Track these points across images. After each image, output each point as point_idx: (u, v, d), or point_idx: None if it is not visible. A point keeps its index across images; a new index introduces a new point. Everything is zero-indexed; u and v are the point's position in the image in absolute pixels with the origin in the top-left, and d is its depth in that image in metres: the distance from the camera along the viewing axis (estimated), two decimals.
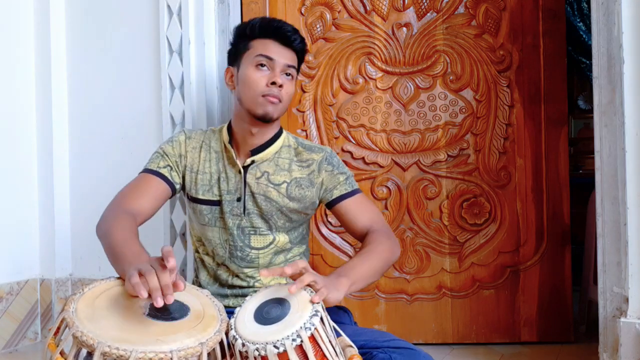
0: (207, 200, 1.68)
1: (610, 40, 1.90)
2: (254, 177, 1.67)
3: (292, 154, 1.72)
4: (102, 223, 1.53)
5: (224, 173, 1.68)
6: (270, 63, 1.64)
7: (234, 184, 1.67)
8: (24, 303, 2.44)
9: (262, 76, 1.63)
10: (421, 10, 2.39)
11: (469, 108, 2.38)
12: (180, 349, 1.16)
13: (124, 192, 1.63)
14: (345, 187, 1.71)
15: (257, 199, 1.66)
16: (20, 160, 2.48)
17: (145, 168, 1.69)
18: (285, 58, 1.66)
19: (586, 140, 3.96)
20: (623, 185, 1.86)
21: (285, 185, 1.68)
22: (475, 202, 2.38)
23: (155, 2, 2.36)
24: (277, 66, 1.64)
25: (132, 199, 1.60)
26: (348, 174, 1.74)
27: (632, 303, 1.85)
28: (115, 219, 1.51)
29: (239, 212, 1.66)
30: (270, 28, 1.67)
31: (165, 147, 1.71)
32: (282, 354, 1.18)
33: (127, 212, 1.55)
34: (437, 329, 2.38)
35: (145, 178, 1.66)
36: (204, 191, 1.68)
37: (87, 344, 1.13)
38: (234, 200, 1.66)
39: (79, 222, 2.52)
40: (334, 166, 1.72)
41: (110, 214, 1.54)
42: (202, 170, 1.69)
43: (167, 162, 1.68)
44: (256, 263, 1.68)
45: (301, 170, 1.70)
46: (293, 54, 1.68)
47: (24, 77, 2.50)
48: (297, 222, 1.72)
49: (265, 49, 1.65)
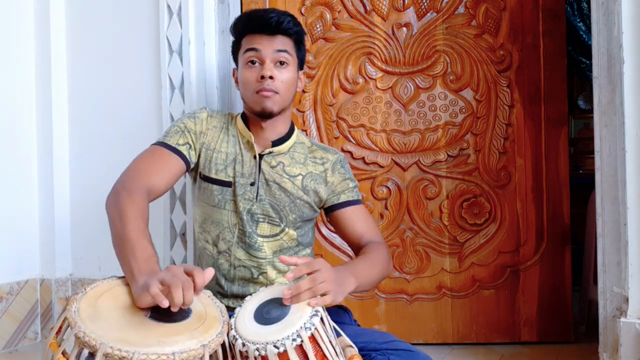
0: (219, 180, 1.66)
1: (610, 40, 1.91)
2: (269, 165, 1.67)
3: (307, 151, 1.73)
4: (114, 199, 1.47)
5: (240, 155, 1.67)
6: (258, 55, 1.62)
7: (249, 168, 1.66)
8: (24, 303, 2.43)
9: (253, 72, 1.63)
10: (421, 10, 2.39)
11: (469, 108, 2.38)
12: (183, 351, 1.16)
13: (140, 167, 1.58)
14: (353, 194, 1.74)
15: (272, 187, 1.66)
16: (20, 160, 2.48)
17: (163, 142, 1.64)
18: (272, 45, 1.62)
19: (586, 140, 3.96)
20: (623, 185, 1.86)
21: (300, 178, 1.68)
22: (475, 202, 2.38)
23: (155, 2, 2.36)
24: (266, 56, 1.62)
25: (147, 175, 1.55)
26: (356, 183, 1.77)
27: (632, 303, 1.85)
28: (129, 199, 1.45)
29: (251, 196, 1.65)
30: (253, 21, 1.65)
31: (187, 122, 1.67)
32: (283, 354, 1.18)
33: (142, 190, 1.50)
34: (437, 329, 2.38)
35: (162, 153, 1.62)
36: (218, 170, 1.66)
37: (89, 345, 1.13)
38: (247, 184, 1.65)
39: (79, 222, 2.52)
40: (346, 171, 1.75)
41: (124, 191, 1.48)
42: (218, 149, 1.67)
43: (186, 139, 1.65)
44: (263, 252, 1.66)
45: (316, 166, 1.72)
46: (284, 38, 1.65)
47: (24, 77, 2.50)
48: (307, 216, 1.72)
49: (251, 42, 1.64)
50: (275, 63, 1.63)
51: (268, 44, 1.62)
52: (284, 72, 1.63)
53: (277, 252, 1.68)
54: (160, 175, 1.58)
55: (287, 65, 1.64)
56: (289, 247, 1.70)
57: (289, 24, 1.64)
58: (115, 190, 1.50)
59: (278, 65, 1.63)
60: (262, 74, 1.60)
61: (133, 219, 1.40)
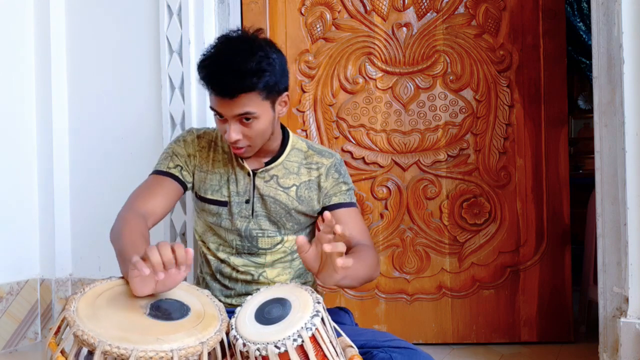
0: (215, 201, 1.67)
1: (610, 40, 1.91)
2: (263, 180, 1.66)
3: (301, 157, 1.71)
4: (114, 227, 1.51)
5: (233, 175, 1.67)
6: (222, 116, 1.54)
7: (243, 186, 1.66)
8: (24, 303, 2.43)
9: (222, 126, 1.56)
10: (421, 10, 2.39)
11: (469, 108, 2.38)
12: (181, 348, 1.16)
13: (136, 195, 1.61)
14: (345, 197, 1.70)
15: (267, 201, 1.66)
16: (20, 160, 2.48)
17: (155, 170, 1.67)
18: (232, 110, 1.50)
19: (586, 140, 3.97)
20: (623, 185, 1.86)
21: (294, 189, 1.67)
22: (475, 202, 2.39)
23: (155, 2, 2.36)
24: (230, 119, 1.53)
25: (143, 201, 1.58)
26: (350, 185, 1.73)
27: (632, 303, 1.85)
28: (125, 222, 1.49)
29: (247, 214, 1.66)
30: (211, 83, 1.52)
31: (174, 147, 1.69)
32: (283, 354, 1.18)
33: (137, 214, 1.53)
34: (437, 329, 2.38)
35: (156, 179, 1.64)
36: (213, 191, 1.67)
37: (87, 343, 1.13)
38: (242, 202, 1.66)
39: (79, 222, 2.52)
40: (340, 174, 1.72)
41: (121, 218, 1.52)
42: (211, 171, 1.68)
43: (176, 162, 1.66)
44: (262, 259, 1.67)
45: (309, 173, 1.70)
46: (247, 96, 1.49)
47: (24, 77, 2.50)
48: (305, 224, 1.72)
49: (212, 101, 1.55)
50: (240, 121, 1.54)
51: (228, 108, 1.51)
52: (252, 126, 1.54)
53: (278, 259, 1.69)
54: (156, 200, 1.60)
55: (255, 119, 1.54)
56: (291, 252, 1.71)
57: (250, 84, 1.48)
58: (115, 221, 1.53)
59: (244, 121, 1.53)
60: (227, 138, 1.54)
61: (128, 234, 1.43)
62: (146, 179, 1.67)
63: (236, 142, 1.55)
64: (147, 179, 1.67)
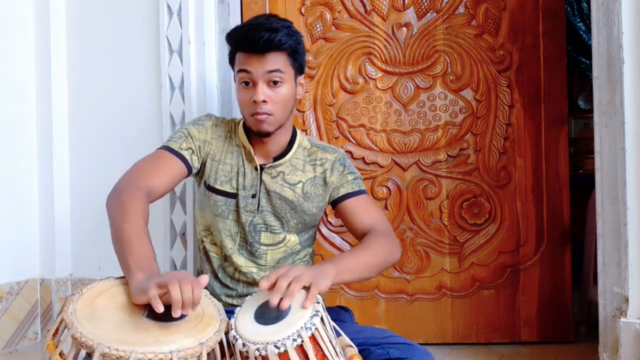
0: (224, 192, 1.67)
1: (610, 40, 1.90)
2: (270, 176, 1.67)
3: (306, 155, 1.73)
4: (115, 197, 1.49)
5: (242, 167, 1.67)
6: (250, 77, 1.59)
7: (250, 180, 1.67)
8: (24, 303, 2.43)
9: (247, 94, 1.60)
10: (421, 10, 2.39)
11: (469, 108, 2.38)
12: (180, 350, 1.16)
13: (141, 168, 1.60)
14: (352, 186, 1.72)
15: (272, 197, 1.67)
16: (20, 160, 2.48)
17: (167, 145, 1.65)
18: (263, 66, 1.57)
19: (586, 140, 3.96)
20: (623, 185, 1.86)
21: (301, 185, 1.68)
22: (475, 202, 2.38)
23: (155, 2, 2.36)
24: (258, 78, 1.58)
25: (149, 177, 1.57)
26: (357, 175, 1.75)
27: (632, 303, 1.85)
28: (129, 197, 1.47)
29: (252, 208, 1.66)
30: (243, 39, 1.60)
31: (191, 129, 1.68)
32: (283, 354, 1.18)
33: (142, 190, 1.51)
34: (437, 329, 2.38)
35: (165, 156, 1.63)
36: (223, 182, 1.67)
37: (86, 345, 1.13)
38: (249, 196, 1.66)
39: (79, 222, 2.52)
40: (345, 167, 1.73)
41: (125, 190, 1.50)
42: (223, 161, 1.68)
43: (190, 144, 1.65)
44: (263, 259, 1.68)
45: (314, 169, 1.71)
46: (276, 55, 1.58)
47: (24, 77, 2.50)
48: (309, 223, 1.73)
49: (242, 62, 1.60)
50: (268, 83, 1.59)
51: (259, 65, 1.57)
52: (278, 91, 1.59)
53: (280, 259, 1.69)
54: (161, 177, 1.59)
55: (282, 83, 1.60)
56: (293, 253, 1.71)
57: (280, 41, 1.57)
58: (116, 190, 1.52)
59: (271, 84, 1.59)
60: (255, 99, 1.57)
61: (133, 216, 1.42)
62: (154, 152, 1.65)
63: (262, 105, 1.57)
64: (155, 153, 1.65)
